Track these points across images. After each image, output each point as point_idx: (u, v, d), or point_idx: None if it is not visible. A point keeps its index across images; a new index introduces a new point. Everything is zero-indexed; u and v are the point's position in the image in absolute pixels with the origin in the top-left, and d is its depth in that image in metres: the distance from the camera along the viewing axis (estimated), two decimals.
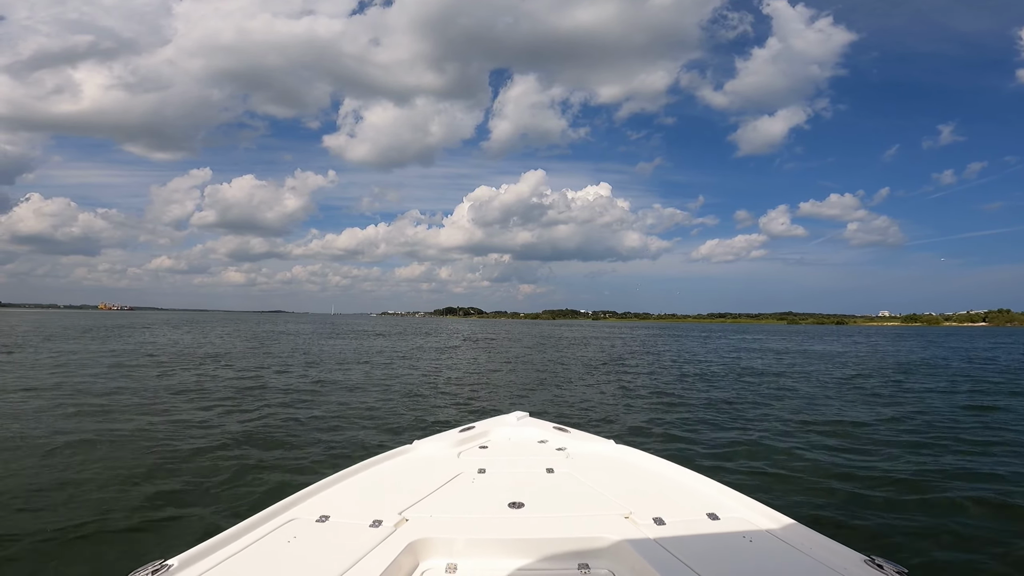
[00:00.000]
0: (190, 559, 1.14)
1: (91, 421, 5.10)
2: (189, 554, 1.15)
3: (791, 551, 1.23)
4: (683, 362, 13.93)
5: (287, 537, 1.28)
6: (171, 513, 2.89)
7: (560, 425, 2.46)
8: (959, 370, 12.41)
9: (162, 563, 1.11)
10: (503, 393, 7.93)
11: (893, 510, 3.12)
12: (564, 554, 1.26)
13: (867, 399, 7.59)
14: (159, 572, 1.09)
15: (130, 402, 6.16)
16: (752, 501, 1.51)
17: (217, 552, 1.18)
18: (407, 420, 5.63)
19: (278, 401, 6.52)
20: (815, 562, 1.18)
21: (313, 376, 9.22)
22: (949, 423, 5.82)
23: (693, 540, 1.28)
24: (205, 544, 1.19)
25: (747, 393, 8.15)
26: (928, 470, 3.94)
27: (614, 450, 2.10)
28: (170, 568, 1.10)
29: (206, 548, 1.18)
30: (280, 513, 1.41)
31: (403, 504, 1.47)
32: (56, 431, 4.63)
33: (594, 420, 5.90)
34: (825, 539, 1.27)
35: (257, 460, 3.90)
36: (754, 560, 1.21)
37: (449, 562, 1.24)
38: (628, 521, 1.39)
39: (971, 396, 8.00)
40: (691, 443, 4.82)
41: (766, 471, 3.92)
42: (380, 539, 1.25)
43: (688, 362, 13.95)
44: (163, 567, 1.10)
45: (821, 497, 3.34)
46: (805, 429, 5.42)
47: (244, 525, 1.30)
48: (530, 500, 1.52)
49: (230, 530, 1.27)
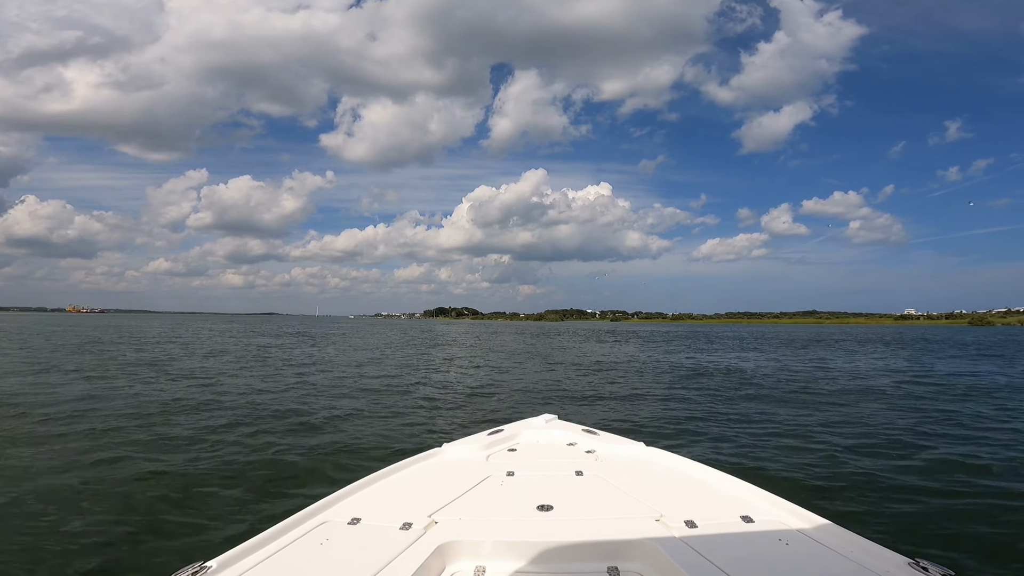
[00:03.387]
0: (228, 561, 1.21)
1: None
2: (227, 556, 1.22)
3: (830, 554, 1.25)
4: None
5: (320, 539, 1.34)
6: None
7: (589, 428, 2.51)
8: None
9: (201, 565, 1.18)
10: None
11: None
12: (593, 557, 1.30)
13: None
14: (198, 574, 1.16)
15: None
16: (787, 503, 1.53)
17: (253, 554, 1.25)
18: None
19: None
20: (856, 565, 1.18)
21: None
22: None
23: (726, 543, 1.30)
24: (242, 546, 1.26)
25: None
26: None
27: (644, 452, 2.15)
28: (209, 570, 1.17)
29: (243, 550, 1.25)
30: (313, 516, 1.48)
31: (432, 507, 1.53)
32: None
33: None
34: (866, 541, 1.28)
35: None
36: (790, 564, 1.22)
37: (478, 565, 1.28)
38: (659, 524, 1.42)
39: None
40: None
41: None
42: (410, 542, 1.31)
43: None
44: (202, 569, 1.17)
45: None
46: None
47: (279, 528, 1.37)
48: (559, 503, 1.57)
49: (265, 532, 1.34)
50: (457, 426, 5.80)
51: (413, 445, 4.61)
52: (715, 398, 7.96)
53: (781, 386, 9.51)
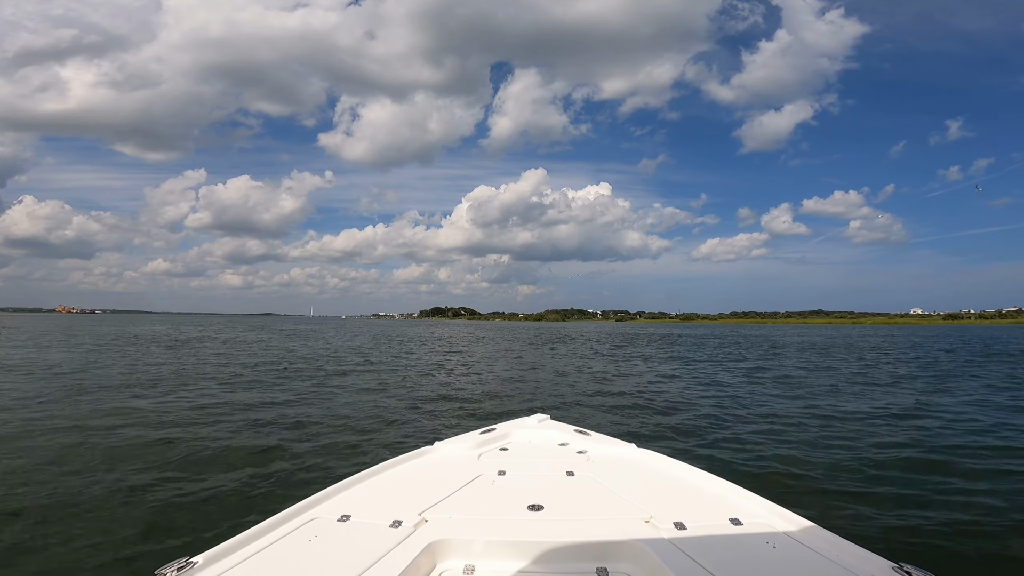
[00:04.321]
0: (214, 556, 1.23)
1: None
2: (213, 552, 1.24)
3: (816, 557, 1.27)
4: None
5: (308, 536, 1.36)
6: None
7: (581, 428, 2.54)
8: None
9: (187, 560, 1.20)
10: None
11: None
12: (583, 557, 1.32)
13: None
14: (184, 569, 1.17)
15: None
16: (776, 506, 1.55)
17: (240, 550, 1.27)
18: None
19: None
20: (842, 569, 1.21)
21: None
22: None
23: (715, 545, 1.33)
24: (229, 542, 1.28)
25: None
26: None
27: (635, 453, 2.17)
28: (195, 565, 1.19)
29: (230, 546, 1.27)
30: (302, 512, 1.50)
31: (423, 505, 1.55)
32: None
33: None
34: (852, 545, 1.30)
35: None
36: (777, 566, 1.24)
37: (467, 563, 1.31)
38: (649, 525, 1.44)
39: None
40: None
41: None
42: (399, 539, 1.33)
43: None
44: (188, 564, 1.19)
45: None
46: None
47: (267, 524, 1.39)
48: (550, 503, 1.59)
49: (253, 528, 1.36)
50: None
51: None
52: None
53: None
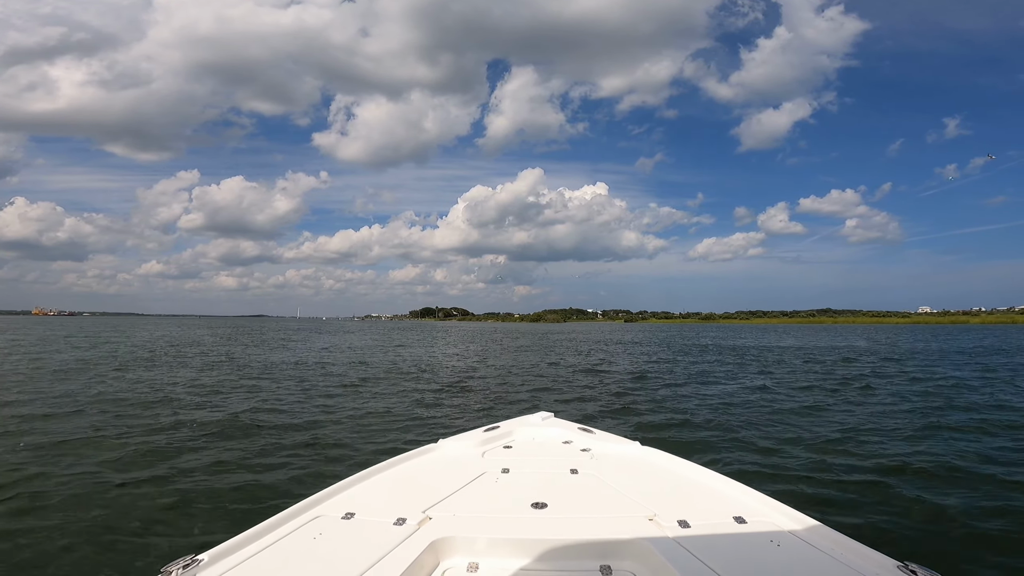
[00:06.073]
0: (220, 554, 1.26)
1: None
2: (218, 549, 1.27)
3: (820, 556, 1.30)
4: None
5: (313, 534, 1.40)
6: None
7: (585, 426, 2.58)
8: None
9: (193, 558, 1.23)
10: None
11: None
12: (587, 555, 1.35)
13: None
14: (190, 567, 1.21)
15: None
16: (780, 504, 1.58)
17: (246, 548, 1.31)
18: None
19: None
20: (846, 567, 1.23)
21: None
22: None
23: (718, 543, 1.36)
24: (234, 540, 1.32)
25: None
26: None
27: (639, 451, 2.20)
28: (201, 563, 1.22)
29: (235, 544, 1.31)
30: (307, 510, 1.54)
31: (427, 503, 1.58)
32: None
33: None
34: (856, 544, 1.33)
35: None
36: (781, 564, 1.27)
37: (471, 561, 1.34)
38: (652, 523, 1.47)
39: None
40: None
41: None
42: (403, 537, 1.36)
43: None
44: (194, 562, 1.22)
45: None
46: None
47: (272, 521, 1.43)
48: (553, 501, 1.62)
49: (258, 526, 1.39)
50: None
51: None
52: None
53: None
